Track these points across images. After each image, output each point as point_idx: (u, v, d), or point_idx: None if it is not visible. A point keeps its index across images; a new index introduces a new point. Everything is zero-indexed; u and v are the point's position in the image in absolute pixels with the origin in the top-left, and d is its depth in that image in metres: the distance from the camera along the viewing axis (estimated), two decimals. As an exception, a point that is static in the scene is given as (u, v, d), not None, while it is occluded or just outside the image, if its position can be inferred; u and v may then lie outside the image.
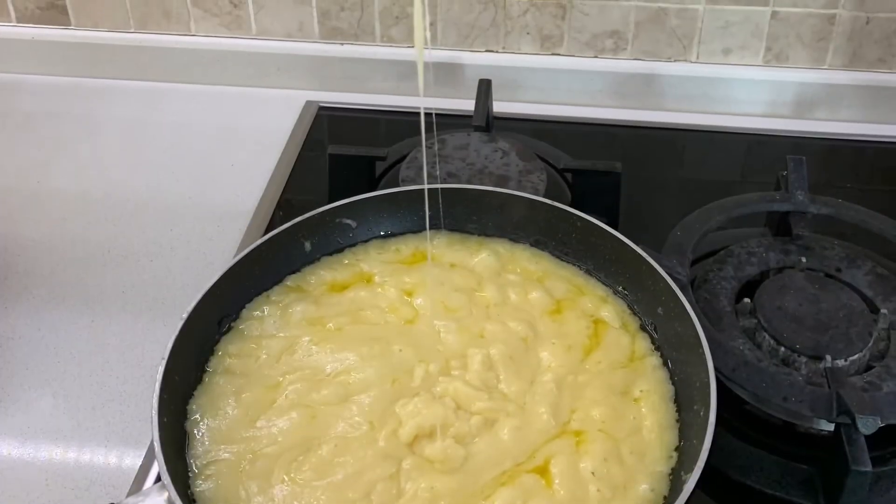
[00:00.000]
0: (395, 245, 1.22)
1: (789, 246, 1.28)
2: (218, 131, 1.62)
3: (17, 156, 1.55)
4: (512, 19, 1.62)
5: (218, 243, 1.38)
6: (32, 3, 1.69)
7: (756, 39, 1.59)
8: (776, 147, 1.57)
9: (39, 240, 1.39)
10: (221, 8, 1.67)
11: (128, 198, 1.47)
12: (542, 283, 1.17)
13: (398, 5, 1.62)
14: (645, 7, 1.58)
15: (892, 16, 1.55)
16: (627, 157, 1.47)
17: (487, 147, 1.44)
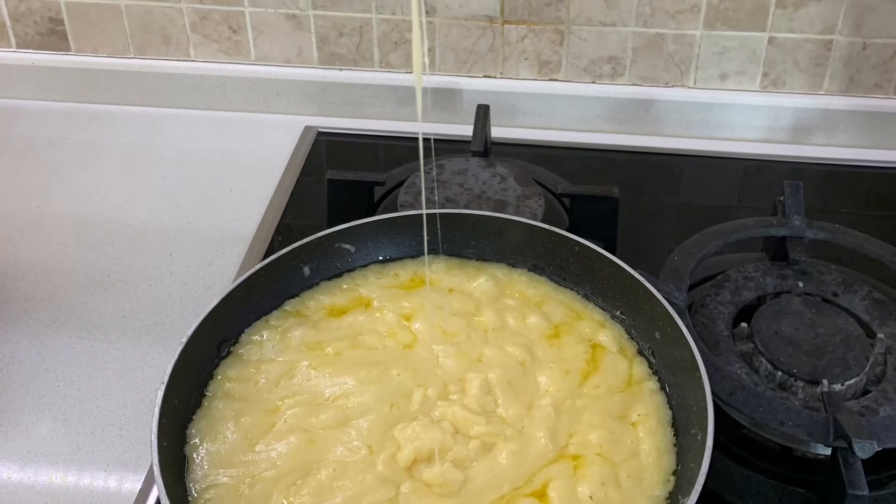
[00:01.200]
0: (394, 270, 1.23)
1: (786, 271, 1.28)
2: (217, 156, 1.63)
3: (18, 181, 1.56)
4: (510, 45, 1.62)
5: (217, 268, 1.38)
6: (33, 28, 1.70)
7: (753, 65, 1.60)
8: (773, 172, 1.58)
9: (39, 264, 1.39)
10: (221, 34, 1.67)
11: (127, 223, 1.47)
12: (540, 308, 1.18)
13: (397, 31, 1.63)
14: (642, 33, 1.59)
15: (889, 41, 1.56)
16: (625, 183, 1.48)
17: (485, 172, 1.45)
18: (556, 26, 1.60)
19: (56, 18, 1.69)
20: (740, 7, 1.55)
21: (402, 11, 1.61)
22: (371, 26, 1.63)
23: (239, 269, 1.37)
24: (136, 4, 1.66)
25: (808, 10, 1.54)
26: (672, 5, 1.56)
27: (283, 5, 1.63)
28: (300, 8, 1.63)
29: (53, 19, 1.69)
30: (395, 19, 1.62)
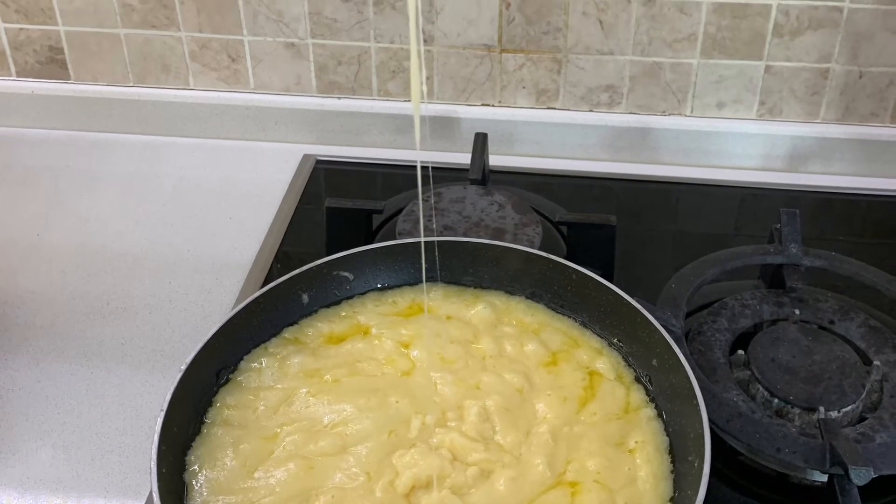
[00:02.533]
0: (392, 297, 1.24)
1: (783, 298, 1.29)
2: (216, 184, 1.64)
3: (18, 209, 1.57)
4: (508, 73, 1.64)
5: (216, 295, 1.39)
6: (32, 57, 1.72)
7: (750, 93, 1.61)
8: (770, 200, 1.59)
9: (39, 292, 1.40)
10: (220, 62, 1.69)
11: (127, 250, 1.48)
12: (538, 335, 1.19)
13: (395, 59, 1.65)
14: (640, 62, 1.60)
15: (885, 70, 1.57)
16: (623, 210, 1.49)
17: (483, 200, 1.46)
18: (554, 55, 1.61)
19: (56, 47, 1.70)
20: (737, 36, 1.56)
21: (400, 40, 1.62)
22: (369, 55, 1.65)
23: (238, 296, 1.38)
24: (135, 33, 1.67)
25: (805, 38, 1.56)
26: (669, 34, 1.57)
27: (281, 34, 1.64)
28: (299, 37, 1.64)
29: (53, 48, 1.70)
30: (394, 48, 1.63)
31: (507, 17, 1.58)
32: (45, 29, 1.69)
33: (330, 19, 1.62)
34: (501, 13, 1.58)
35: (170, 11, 1.64)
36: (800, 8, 1.53)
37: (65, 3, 1.65)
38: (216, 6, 1.63)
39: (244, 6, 1.62)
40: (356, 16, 1.61)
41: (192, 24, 1.65)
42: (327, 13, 1.61)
